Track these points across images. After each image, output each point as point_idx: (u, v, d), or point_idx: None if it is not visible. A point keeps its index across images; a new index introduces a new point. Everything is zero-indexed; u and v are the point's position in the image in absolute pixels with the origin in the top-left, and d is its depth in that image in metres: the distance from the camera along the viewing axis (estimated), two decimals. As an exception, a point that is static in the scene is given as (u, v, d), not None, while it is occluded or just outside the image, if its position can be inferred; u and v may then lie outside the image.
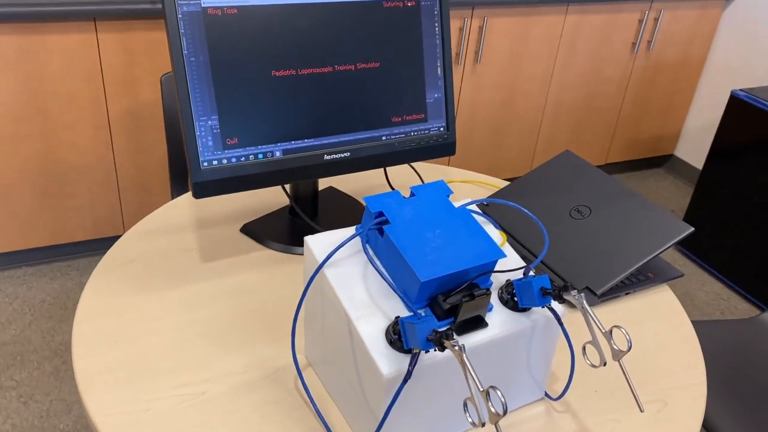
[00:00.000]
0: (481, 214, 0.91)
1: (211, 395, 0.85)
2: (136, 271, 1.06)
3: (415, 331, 0.70)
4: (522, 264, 0.86)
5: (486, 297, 0.76)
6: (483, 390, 0.63)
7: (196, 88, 0.94)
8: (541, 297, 0.77)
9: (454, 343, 0.67)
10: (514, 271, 0.82)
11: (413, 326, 0.70)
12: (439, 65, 1.13)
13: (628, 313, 1.07)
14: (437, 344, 0.68)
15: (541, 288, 0.77)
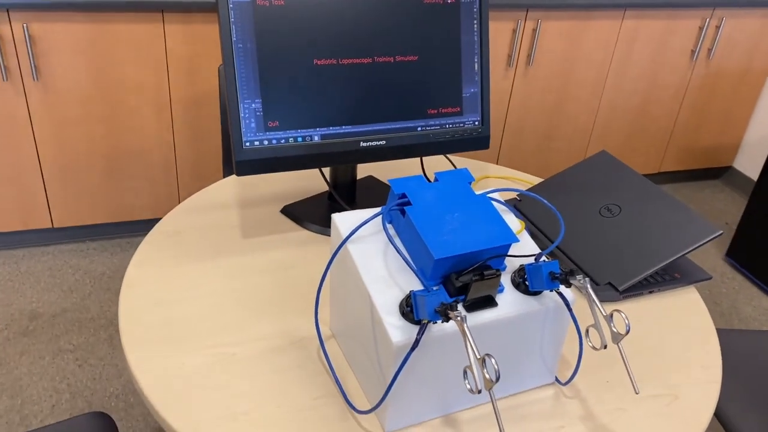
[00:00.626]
0: (502, 203, 0.95)
1: (240, 357, 0.92)
2: (181, 242, 1.14)
3: (424, 303, 0.74)
4: (537, 251, 0.89)
5: (496, 278, 0.80)
6: (480, 357, 0.67)
7: (242, 73, 1.01)
8: (550, 281, 0.81)
9: (458, 314, 0.71)
10: (527, 257, 0.85)
11: (423, 299, 0.75)
12: (476, 61, 1.17)
13: (650, 311, 1.08)
14: (443, 315, 0.72)
15: (549, 272, 0.81)
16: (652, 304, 1.10)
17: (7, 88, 1.91)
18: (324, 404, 0.86)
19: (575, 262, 1.15)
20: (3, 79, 1.89)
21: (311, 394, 0.87)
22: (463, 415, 0.87)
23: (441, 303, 0.74)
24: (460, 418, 0.86)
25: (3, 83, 1.90)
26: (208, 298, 1.02)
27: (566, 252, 1.17)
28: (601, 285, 1.10)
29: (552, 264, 0.82)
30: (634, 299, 1.11)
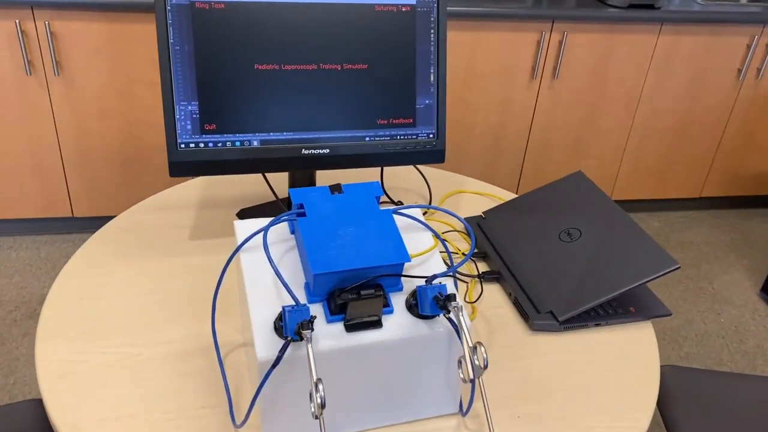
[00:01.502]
0: (419, 221, 0.90)
1: (144, 358, 0.92)
2: (129, 239, 1.16)
3: (288, 319, 0.72)
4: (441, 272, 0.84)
5: (376, 299, 0.76)
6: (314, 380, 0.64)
7: (179, 75, 1.01)
8: (434, 305, 0.76)
9: (308, 333, 0.68)
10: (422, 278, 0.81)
11: (288, 314, 0.72)
12: (432, 72, 1.13)
13: (591, 345, 1.01)
14: (297, 333, 0.70)
15: (434, 296, 0.76)
16: (595, 338, 1.02)
17: (30, 82, 2.00)
18: (209, 414, 0.85)
19: (521, 286, 1.09)
20: (27, 74, 1.98)
21: (200, 403, 0.86)
22: (349, 439, 0.83)
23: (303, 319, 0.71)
24: (344, 441, 0.83)
25: (27, 77, 1.99)
26: (135, 296, 1.03)
27: (516, 275, 1.11)
28: (542, 313, 1.04)
29: (439, 287, 0.77)
30: (576, 331, 1.03)
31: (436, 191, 1.38)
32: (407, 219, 0.92)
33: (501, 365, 0.96)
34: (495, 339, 1.01)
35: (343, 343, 0.75)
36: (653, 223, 2.77)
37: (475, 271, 1.14)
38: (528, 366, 0.96)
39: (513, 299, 1.08)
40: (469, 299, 1.08)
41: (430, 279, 0.79)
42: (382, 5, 1.08)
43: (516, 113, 2.40)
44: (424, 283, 0.79)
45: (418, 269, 0.86)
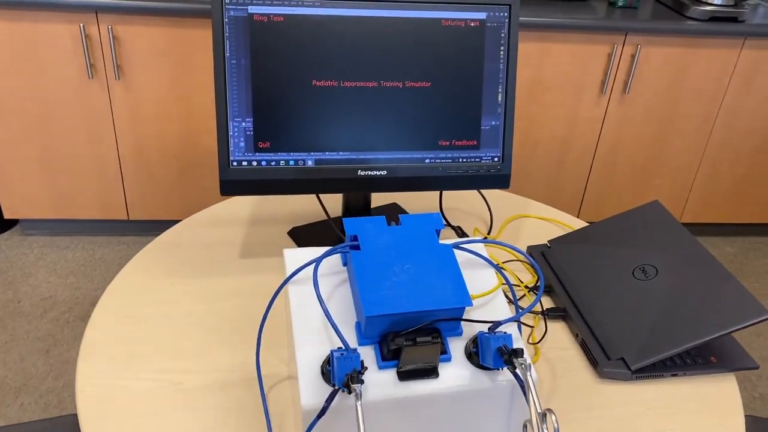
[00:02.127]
0: (483, 257, 0.83)
1: (185, 387, 0.88)
2: (178, 255, 1.12)
3: (336, 366, 0.66)
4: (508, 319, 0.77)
5: (433, 345, 0.69)
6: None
7: (234, 90, 0.97)
8: (498, 357, 0.69)
9: (357, 388, 0.62)
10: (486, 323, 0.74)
11: (337, 361, 0.66)
12: (500, 91, 1.05)
13: (666, 398, 0.92)
14: (345, 385, 0.63)
15: (498, 348, 0.69)
16: (671, 390, 0.93)
17: (92, 85, 2.01)
18: (251, 454, 0.80)
19: (590, 326, 1.00)
20: (89, 77, 1.99)
21: (241, 440, 0.81)
22: (397, 493, 0.77)
23: (353, 368, 0.65)
24: (393, 496, 0.76)
25: (89, 81, 2.01)
26: (180, 317, 0.99)
27: (584, 313, 1.02)
28: (613, 360, 0.95)
29: (504, 337, 0.70)
30: (650, 381, 0.94)
31: (497, 214, 1.30)
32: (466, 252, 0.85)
33: (564, 417, 0.88)
34: (558, 385, 0.93)
35: (395, 393, 0.69)
36: (726, 249, 2.60)
37: (538, 307, 1.06)
38: (594, 418, 0.88)
39: (580, 341, 1.00)
40: (533, 339, 1.00)
41: (494, 326, 0.72)
42: (450, 20, 1.01)
43: (582, 129, 2.29)
44: (486, 330, 0.72)
45: (479, 311, 0.79)
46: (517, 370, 0.67)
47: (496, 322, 0.72)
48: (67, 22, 1.91)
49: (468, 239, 0.83)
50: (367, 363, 0.71)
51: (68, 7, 1.86)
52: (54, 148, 2.12)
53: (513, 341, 0.70)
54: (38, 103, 2.04)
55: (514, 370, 0.67)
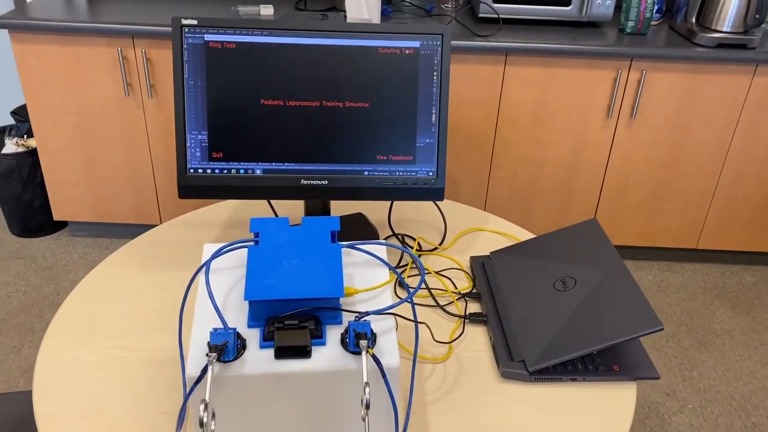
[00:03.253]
0: (376, 257, 0.93)
1: (127, 361, 1.02)
2: (153, 251, 1.28)
3: (210, 340, 0.77)
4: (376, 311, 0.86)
5: (302, 330, 0.80)
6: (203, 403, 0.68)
7: (192, 107, 1.11)
8: (354, 342, 0.79)
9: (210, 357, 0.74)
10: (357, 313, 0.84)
11: (211, 336, 0.78)
12: (434, 112, 1.15)
13: (558, 400, 0.98)
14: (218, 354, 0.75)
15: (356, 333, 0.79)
16: (566, 393, 0.99)
17: (129, 102, 2.24)
18: (168, 420, 0.92)
19: (504, 331, 1.07)
20: (126, 95, 2.22)
21: (163, 408, 0.94)
22: (282, 460, 0.87)
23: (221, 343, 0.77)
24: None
25: (126, 98, 2.23)
26: (139, 304, 1.13)
27: (502, 320, 1.10)
28: (515, 361, 1.02)
29: (362, 325, 0.79)
30: (548, 383, 1.01)
31: (456, 226, 1.38)
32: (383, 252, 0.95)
33: (461, 408, 0.96)
34: (462, 381, 1.01)
35: (269, 368, 0.80)
36: (746, 278, 2.55)
37: (462, 312, 1.14)
38: (486, 413, 0.95)
39: (492, 344, 1.07)
40: (450, 338, 1.09)
41: (361, 315, 0.82)
42: (386, 48, 1.12)
43: (590, 152, 2.32)
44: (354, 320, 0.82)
45: (365, 304, 0.88)
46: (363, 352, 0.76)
47: (365, 312, 0.82)
48: (108, 45, 2.14)
49: (367, 241, 0.93)
50: (252, 343, 0.82)
51: (109, 32, 2.09)
52: (96, 158, 2.36)
53: (370, 327, 0.79)
54: (83, 117, 2.27)
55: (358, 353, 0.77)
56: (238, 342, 0.80)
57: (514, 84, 2.19)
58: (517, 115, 2.26)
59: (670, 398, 2.00)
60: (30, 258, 2.46)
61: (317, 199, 1.17)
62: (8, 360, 2.00)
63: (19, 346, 2.05)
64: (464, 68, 2.17)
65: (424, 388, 0.99)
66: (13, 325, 2.14)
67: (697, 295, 2.45)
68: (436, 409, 0.96)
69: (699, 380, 2.07)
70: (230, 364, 0.79)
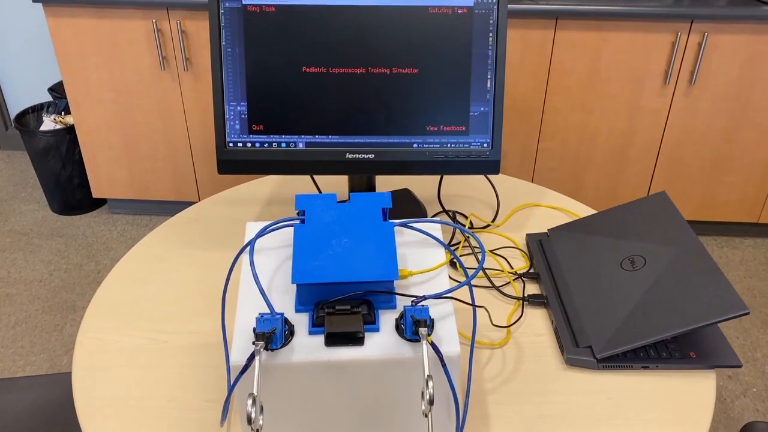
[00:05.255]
0: (431, 235, 0.86)
1: (169, 345, 0.97)
2: (193, 229, 1.22)
3: (256, 327, 0.71)
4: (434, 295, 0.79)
5: (354, 315, 0.73)
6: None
7: (230, 76, 1.05)
8: (412, 328, 0.72)
9: (258, 345, 0.67)
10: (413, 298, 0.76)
11: (258, 323, 0.72)
12: (489, 77, 1.06)
13: (629, 390, 0.90)
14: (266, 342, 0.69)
15: (413, 319, 0.72)
16: (637, 382, 0.91)
17: (164, 76, 2.19)
18: (211, 408, 0.87)
19: (567, 314, 0.99)
20: (161, 68, 2.17)
21: (206, 396, 0.89)
22: (333, 453, 0.81)
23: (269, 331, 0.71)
24: (327, 456, 0.81)
25: (161, 72, 2.18)
26: (180, 285, 1.08)
27: (564, 303, 1.01)
28: (580, 347, 0.94)
29: (421, 310, 0.72)
30: (617, 371, 0.92)
31: (509, 202, 1.30)
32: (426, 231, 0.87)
33: (523, 398, 0.89)
34: (522, 368, 0.93)
35: (319, 356, 0.73)
36: (811, 253, 2.41)
37: (520, 293, 1.07)
38: (551, 404, 0.88)
39: (554, 328, 0.99)
40: (507, 322, 1.01)
41: (419, 300, 0.75)
42: (437, 7, 1.03)
43: (645, 121, 2.19)
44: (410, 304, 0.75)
45: (420, 288, 0.81)
46: (422, 341, 0.70)
47: (422, 296, 0.75)
48: (142, 18, 2.09)
49: (420, 219, 0.85)
50: (301, 329, 0.76)
51: (143, 4, 2.03)
52: (134, 135, 2.32)
53: (429, 313, 0.72)
54: (119, 93, 2.24)
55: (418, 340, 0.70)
56: (286, 328, 0.74)
57: (565, 50, 2.08)
58: (568, 83, 2.14)
59: (732, 381, 1.90)
60: (70, 236, 2.46)
61: (362, 173, 1.09)
62: (51, 339, 2.00)
63: (61, 325, 2.05)
64: (512, 33, 2.06)
65: (482, 375, 0.92)
66: (55, 303, 2.13)
67: (759, 272, 2.32)
68: (496, 399, 0.89)
69: (763, 362, 1.96)
70: (277, 351, 0.73)
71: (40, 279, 2.24)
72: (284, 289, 0.81)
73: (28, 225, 2.52)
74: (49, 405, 1.18)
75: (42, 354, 1.94)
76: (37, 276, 2.25)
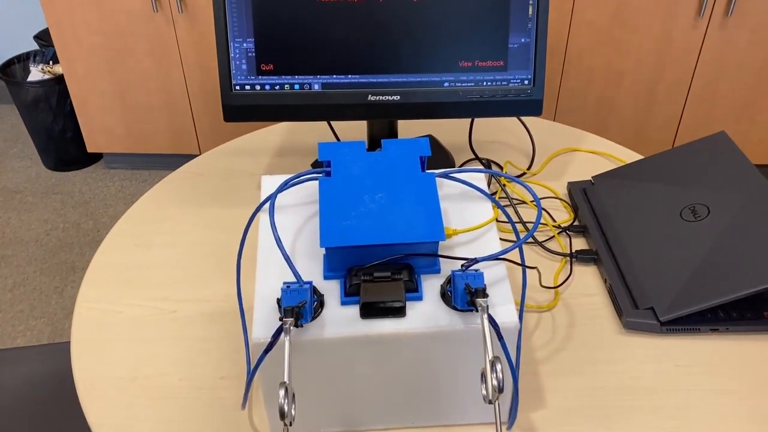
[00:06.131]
0: (476, 188, 0.74)
1: (178, 316, 0.86)
2: (197, 184, 1.11)
3: (282, 299, 0.61)
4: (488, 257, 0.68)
5: (394, 282, 0.62)
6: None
7: (234, 9, 0.91)
8: (465, 297, 0.61)
9: (288, 320, 0.57)
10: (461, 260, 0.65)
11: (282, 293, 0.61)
12: (531, 3, 0.92)
13: (698, 355, 0.80)
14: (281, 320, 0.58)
15: (465, 287, 0.61)
16: (707, 346, 0.81)
17: (157, 18, 2.03)
18: (227, 387, 0.77)
19: (622, 273, 0.89)
20: (154, 10, 2.01)
21: (221, 372, 0.79)
22: (370, 437, 0.72)
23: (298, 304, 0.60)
24: (363, 440, 0.71)
25: (154, 14, 2.02)
26: (187, 247, 0.97)
27: (618, 259, 0.90)
28: (641, 309, 0.83)
29: (475, 276, 0.61)
30: (683, 335, 0.82)
31: (544, 148, 1.18)
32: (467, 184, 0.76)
33: (576, 369, 0.79)
34: (575, 334, 0.83)
35: (354, 330, 0.63)
36: None
37: (567, 249, 0.96)
38: (611, 373, 0.78)
39: (608, 287, 0.89)
40: (554, 282, 0.91)
41: (468, 264, 0.64)
42: None
43: (676, 57, 2.05)
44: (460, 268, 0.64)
45: (465, 248, 0.70)
46: (482, 315, 0.59)
47: (473, 259, 0.64)
48: (131, -46, 1.92)
49: (461, 168, 0.74)
50: (332, 299, 0.65)
51: (131, -61, 1.86)
52: (128, 83, 2.18)
53: (483, 279, 0.61)
54: (109, 36, 2.08)
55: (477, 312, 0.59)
56: (315, 299, 0.63)
57: (590, -19, 1.92)
58: (593, 16, 1.98)
59: None
60: (66, 193, 2.34)
61: (386, 119, 0.97)
62: (51, 302, 1.90)
63: (61, 287, 1.95)
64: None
65: (531, 343, 0.82)
66: (54, 264, 2.03)
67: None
68: (548, 370, 0.79)
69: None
70: (306, 326, 0.63)
71: (36, 239, 2.13)
72: (309, 253, 0.70)
73: (22, 182, 2.40)
74: (50, 380, 1.08)
75: (42, 318, 1.85)
76: (33, 236, 2.14)
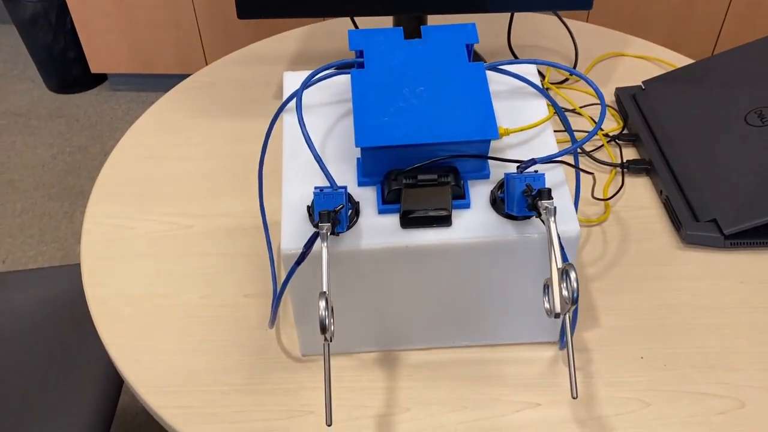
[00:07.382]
0: (530, 82, 0.65)
1: (195, 231, 0.80)
2: (209, 94, 1.02)
3: (315, 205, 0.53)
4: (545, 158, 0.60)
5: (440, 187, 0.55)
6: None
7: None
8: (522, 202, 0.53)
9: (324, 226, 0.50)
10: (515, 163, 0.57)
11: (317, 199, 0.53)
12: None
13: (765, 272, 0.73)
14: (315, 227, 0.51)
15: (523, 190, 0.53)
16: (776, 263, 0.74)
17: (159, -76, 1.89)
18: (251, 305, 0.71)
19: (679, 182, 0.81)
20: None
21: (244, 290, 0.73)
22: (409, 356, 0.66)
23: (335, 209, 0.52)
24: (404, 359, 0.66)
25: None
26: (201, 160, 0.90)
27: (674, 167, 0.82)
28: (702, 221, 0.76)
29: (536, 178, 0.54)
30: (749, 249, 0.75)
31: (586, 52, 1.07)
32: (516, 80, 0.67)
33: (631, 286, 0.72)
34: (629, 249, 0.76)
35: (394, 241, 0.56)
36: None
37: (617, 159, 0.87)
38: (669, 290, 0.71)
39: (664, 199, 0.81)
40: (604, 195, 0.83)
41: (525, 165, 0.56)
42: None
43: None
44: (515, 171, 0.56)
45: (517, 150, 0.62)
46: (549, 218, 0.51)
47: (530, 160, 0.56)
48: None
49: (512, 60, 0.65)
50: (368, 206, 0.58)
51: None
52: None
53: (544, 182, 0.53)
54: (109, -53, 1.95)
55: (539, 217, 0.52)
56: (350, 206, 0.56)
57: None
58: None
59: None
60: (71, 116, 2.25)
61: (418, 13, 0.87)
62: (61, 227, 1.85)
63: (71, 212, 1.89)
64: None
65: (581, 258, 0.75)
66: (62, 189, 1.97)
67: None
68: (601, 287, 0.72)
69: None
70: (341, 236, 0.56)
71: (43, 164, 2.06)
72: (340, 157, 0.62)
73: (25, 105, 2.31)
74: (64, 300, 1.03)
75: (53, 243, 1.80)
76: (39, 160, 2.07)
